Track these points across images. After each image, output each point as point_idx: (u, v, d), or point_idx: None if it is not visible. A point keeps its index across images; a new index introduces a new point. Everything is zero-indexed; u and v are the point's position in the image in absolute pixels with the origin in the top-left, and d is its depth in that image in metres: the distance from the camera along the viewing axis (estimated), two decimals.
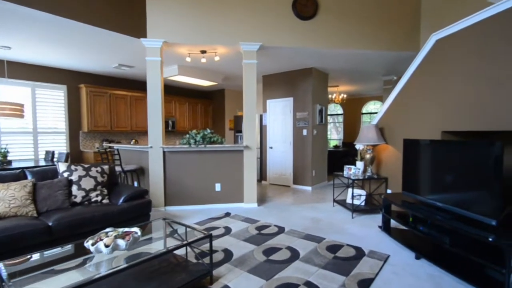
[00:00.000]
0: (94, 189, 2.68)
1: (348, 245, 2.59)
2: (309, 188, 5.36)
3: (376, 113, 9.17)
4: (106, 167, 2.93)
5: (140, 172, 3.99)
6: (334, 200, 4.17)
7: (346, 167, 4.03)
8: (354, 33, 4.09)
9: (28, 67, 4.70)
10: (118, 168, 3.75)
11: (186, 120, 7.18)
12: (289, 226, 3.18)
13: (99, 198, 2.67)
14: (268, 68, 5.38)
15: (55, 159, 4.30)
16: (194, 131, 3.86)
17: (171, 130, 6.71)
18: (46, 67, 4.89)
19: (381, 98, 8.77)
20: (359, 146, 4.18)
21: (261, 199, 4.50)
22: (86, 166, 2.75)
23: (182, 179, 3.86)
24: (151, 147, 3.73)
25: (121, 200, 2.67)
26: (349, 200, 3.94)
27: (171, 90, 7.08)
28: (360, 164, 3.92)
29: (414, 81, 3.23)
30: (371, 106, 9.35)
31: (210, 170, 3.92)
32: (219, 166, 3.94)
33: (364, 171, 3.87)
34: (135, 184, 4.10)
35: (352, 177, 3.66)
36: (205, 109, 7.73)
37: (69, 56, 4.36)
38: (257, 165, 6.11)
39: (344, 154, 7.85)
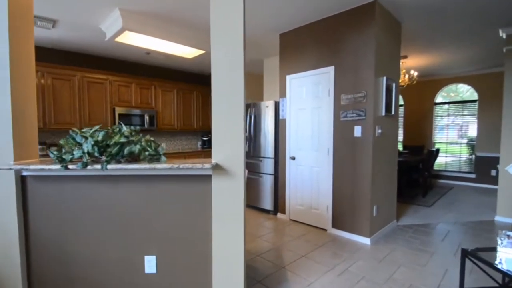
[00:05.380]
0: None
1: None
2: (365, 240, 2.75)
3: (464, 102, 5.96)
4: None
5: None
6: None
7: (505, 234, 1.38)
8: None
9: None
10: None
11: (174, 115, 5.04)
12: None
13: None
14: (287, 16, 2.90)
15: None
16: (86, 129, 1.55)
17: (149, 128, 4.62)
18: None
19: (472, 79, 5.59)
20: None
21: (263, 267, 2.05)
22: None
23: (70, 243, 1.63)
24: None
25: None
26: None
27: (148, 70, 4.94)
28: None
29: None
30: (448, 94, 6.17)
31: (132, 224, 1.62)
32: (154, 213, 1.62)
33: None
34: None
35: None
36: (203, 99, 5.51)
37: None
38: (271, 187, 3.67)
39: (412, 167, 4.95)
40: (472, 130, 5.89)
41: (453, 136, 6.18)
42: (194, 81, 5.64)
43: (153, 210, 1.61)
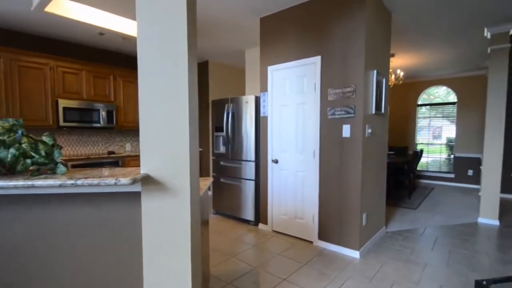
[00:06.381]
0: None
1: None
2: (354, 253, 2.45)
3: (444, 104, 5.97)
4: None
5: None
6: None
7: None
8: None
9: None
10: None
11: (138, 111, 4.44)
12: None
13: None
14: None
15: None
16: None
17: (106, 126, 3.97)
18: None
19: (453, 82, 5.57)
20: None
21: None
22: None
23: None
24: None
25: None
26: None
27: (104, 56, 4.17)
28: None
29: None
30: (429, 97, 6.14)
31: (17, 270, 1.13)
32: (52, 252, 1.14)
33: None
34: None
35: None
36: None
37: None
38: (252, 194, 3.27)
39: (397, 168, 4.79)
40: (451, 131, 5.94)
41: (434, 137, 6.20)
42: None
43: (49, 248, 1.12)
